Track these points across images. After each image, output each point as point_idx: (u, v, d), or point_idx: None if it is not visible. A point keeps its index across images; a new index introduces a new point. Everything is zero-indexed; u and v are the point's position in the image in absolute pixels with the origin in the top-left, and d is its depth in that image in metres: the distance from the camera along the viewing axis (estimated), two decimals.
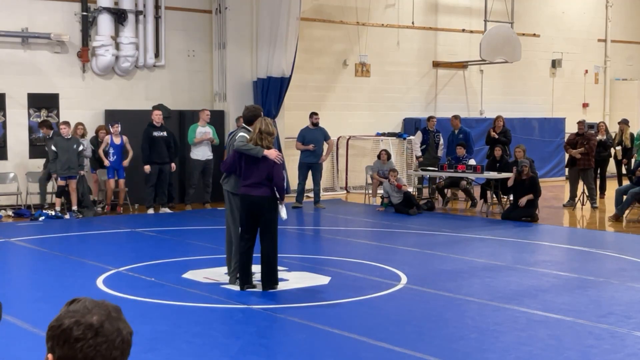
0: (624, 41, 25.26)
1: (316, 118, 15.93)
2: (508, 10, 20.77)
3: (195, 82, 17.33)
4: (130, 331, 1.94)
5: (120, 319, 1.93)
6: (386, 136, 19.45)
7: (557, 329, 6.97)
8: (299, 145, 15.87)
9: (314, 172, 15.90)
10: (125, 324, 1.94)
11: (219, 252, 10.63)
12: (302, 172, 15.85)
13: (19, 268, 10.50)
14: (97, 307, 1.93)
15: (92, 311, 1.92)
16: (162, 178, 15.10)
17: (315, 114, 16.03)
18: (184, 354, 6.24)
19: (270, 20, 16.86)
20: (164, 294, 8.20)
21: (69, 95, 15.73)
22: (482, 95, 22.02)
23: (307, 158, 15.75)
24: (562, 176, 21.72)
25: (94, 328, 1.88)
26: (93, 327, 1.88)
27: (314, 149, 15.72)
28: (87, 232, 13.02)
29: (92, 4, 15.85)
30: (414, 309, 7.79)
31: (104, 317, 1.90)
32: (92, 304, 1.94)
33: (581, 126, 16.53)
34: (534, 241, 12.28)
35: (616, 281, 9.06)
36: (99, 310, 1.92)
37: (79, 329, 1.89)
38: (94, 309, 1.92)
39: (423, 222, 14.05)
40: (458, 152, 16.14)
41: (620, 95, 24.98)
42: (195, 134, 15.48)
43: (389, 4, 20.27)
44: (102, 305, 1.94)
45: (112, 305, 1.96)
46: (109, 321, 1.90)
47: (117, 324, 1.91)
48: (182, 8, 17.12)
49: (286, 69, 17.06)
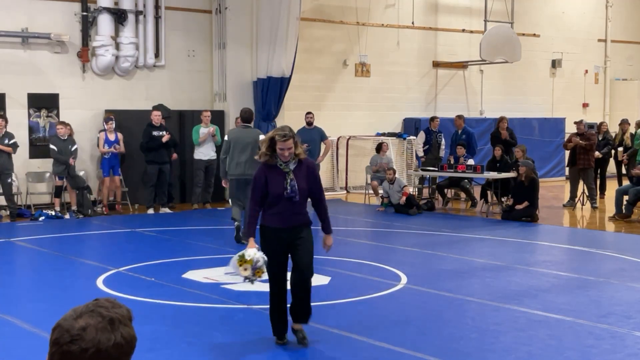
0: (624, 41, 25.26)
1: (310, 117, 15.69)
2: (508, 10, 20.77)
3: (195, 82, 17.33)
4: (119, 343, 1.84)
5: (114, 329, 1.85)
6: (386, 136, 19.44)
7: (557, 329, 6.97)
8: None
9: None
10: (118, 335, 1.84)
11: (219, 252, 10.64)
12: None
13: (19, 268, 10.49)
14: (90, 313, 1.86)
15: (84, 316, 1.86)
16: (162, 178, 15.11)
17: (310, 113, 15.82)
18: (184, 354, 6.24)
19: (270, 20, 16.86)
20: (164, 294, 8.20)
21: (69, 95, 15.72)
22: (482, 95, 22.01)
23: None
24: (562, 176, 21.73)
25: (71, 334, 1.82)
26: (69, 333, 1.82)
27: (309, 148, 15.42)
28: (87, 232, 13.02)
29: (92, 4, 15.85)
30: (414, 309, 7.79)
31: (91, 324, 1.83)
32: (90, 307, 1.88)
33: (581, 126, 16.53)
34: (534, 241, 12.28)
35: (616, 281, 9.06)
36: (92, 316, 1.85)
37: (59, 332, 1.84)
38: (86, 315, 1.86)
39: (423, 222, 14.05)
40: (458, 152, 16.15)
41: (620, 95, 24.98)
42: (199, 135, 15.53)
43: (389, 4, 20.27)
44: (100, 311, 1.87)
45: (119, 312, 1.89)
46: (95, 329, 1.83)
47: (104, 334, 1.83)
48: (182, 8, 17.11)
49: (286, 69, 17.05)
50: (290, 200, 6.21)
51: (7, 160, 13.92)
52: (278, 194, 6.20)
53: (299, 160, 6.29)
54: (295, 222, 6.29)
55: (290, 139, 6.15)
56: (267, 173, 6.26)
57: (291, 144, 6.17)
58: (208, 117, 15.69)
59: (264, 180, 6.25)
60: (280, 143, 6.14)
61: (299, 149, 6.33)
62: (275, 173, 6.24)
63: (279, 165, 6.25)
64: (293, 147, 6.19)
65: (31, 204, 14.97)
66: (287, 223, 6.28)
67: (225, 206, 16.23)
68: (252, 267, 6.08)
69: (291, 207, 6.25)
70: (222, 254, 10.34)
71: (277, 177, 6.24)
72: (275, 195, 6.21)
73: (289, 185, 6.20)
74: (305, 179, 6.28)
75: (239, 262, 6.07)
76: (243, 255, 6.09)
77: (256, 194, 6.30)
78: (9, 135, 14.05)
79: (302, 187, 6.24)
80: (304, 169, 6.30)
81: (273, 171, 6.25)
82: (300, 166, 6.29)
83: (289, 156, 6.20)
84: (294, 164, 6.27)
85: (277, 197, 6.21)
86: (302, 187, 6.24)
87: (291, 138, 6.17)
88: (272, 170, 6.26)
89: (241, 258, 6.09)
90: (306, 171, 6.31)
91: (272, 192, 6.22)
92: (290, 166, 6.25)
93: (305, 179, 6.28)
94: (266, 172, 6.27)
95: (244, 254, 6.09)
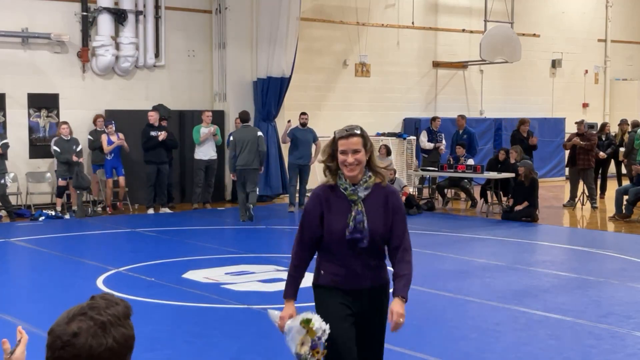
0: (624, 41, 25.26)
1: (304, 118, 15.60)
2: (508, 10, 20.77)
3: (195, 82, 17.33)
4: (112, 347, 1.83)
5: (106, 334, 1.84)
6: (386, 136, 19.45)
7: (557, 329, 6.97)
8: (285, 138, 15.56)
9: (302, 174, 15.52)
10: (109, 340, 1.83)
11: (219, 252, 10.64)
12: (294, 173, 15.52)
13: (18, 268, 10.50)
14: (82, 317, 1.85)
15: (76, 319, 1.85)
16: (161, 178, 15.10)
17: (304, 113, 15.73)
18: (183, 354, 6.24)
19: (270, 20, 16.86)
20: (164, 294, 8.20)
21: (69, 95, 15.72)
22: (482, 95, 22.01)
23: (298, 160, 15.49)
24: (562, 176, 21.72)
25: (62, 340, 1.82)
26: (61, 340, 1.83)
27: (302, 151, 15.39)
28: (87, 232, 13.02)
29: (92, 4, 15.85)
30: (414, 309, 7.78)
31: (83, 328, 1.83)
32: (83, 309, 1.88)
33: (581, 126, 16.54)
34: (534, 241, 12.29)
35: (616, 281, 9.06)
36: (83, 320, 1.85)
37: (52, 338, 1.85)
38: (78, 318, 1.85)
39: (423, 222, 14.04)
40: (457, 152, 16.16)
41: (620, 95, 24.98)
42: (200, 134, 15.54)
43: (389, 4, 20.27)
44: (92, 314, 1.86)
45: (113, 313, 1.87)
46: (87, 335, 1.83)
47: (96, 339, 1.82)
48: (182, 8, 17.11)
49: (286, 69, 17.05)
50: (354, 245, 3.99)
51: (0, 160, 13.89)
52: (336, 234, 4.00)
53: (375, 185, 4.06)
54: (362, 282, 4.04)
55: (357, 137, 4.01)
56: (325, 200, 4.08)
57: (358, 144, 3.99)
58: (209, 117, 15.69)
59: (319, 212, 4.07)
60: (342, 142, 4.00)
61: (378, 160, 4.19)
62: (336, 200, 4.06)
63: (342, 188, 4.04)
64: (362, 151, 4.00)
65: (31, 204, 14.97)
66: (349, 283, 4.03)
67: (225, 206, 16.25)
68: (311, 342, 3.86)
69: (356, 257, 4.01)
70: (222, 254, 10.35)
71: (337, 206, 4.04)
72: (332, 234, 4.02)
73: (353, 221, 3.97)
74: (383, 214, 4.04)
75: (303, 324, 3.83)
76: (310, 321, 3.83)
77: (304, 232, 4.12)
78: (1, 136, 14.05)
79: (376, 227, 4.01)
80: (382, 198, 4.06)
81: (333, 197, 4.07)
82: (377, 193, 4.06)
83: (356, 169, 3.98)
84: (367, 189, 4.03)
85: (336, 239, 4.01)
86: (376, 227, 4.01)
87: (359, 136, 4.02)
88: (333, 196, 4.07)
89: (306, 323, 3.84)
90: (384, 202, 4.06)
91: (328, 229, 4.04)
92: (359, 192, 4.02)
93: (383, 214, 4.04)
94: (323, 198, 4.08)
95: (311, 318, 3.85)
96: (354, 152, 3.98)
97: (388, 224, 4.05)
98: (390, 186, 4.17)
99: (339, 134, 4.04)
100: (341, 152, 4.00)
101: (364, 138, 4.02)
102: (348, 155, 3.97)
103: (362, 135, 4.03)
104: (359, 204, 4.00)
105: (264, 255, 10.51)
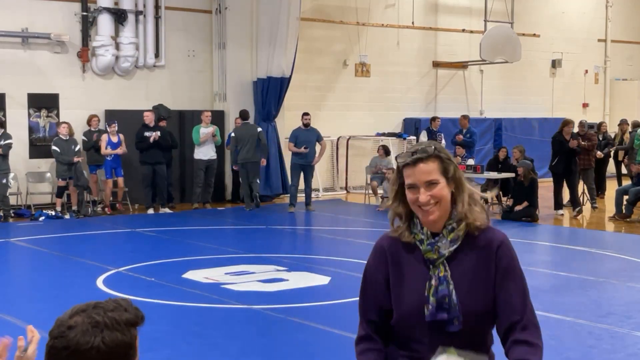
0: (624, 41, 25.26)
1: (307, 118, 15.55)
2: (508, 10, 20.76)
3: (195, 82, 17.33)
4: (98, 347, 1.83)
5: (96, 334, 1.84)
6: (386, 136, 19.45)
7: (557, 329, 6.96)
8: (291, 147, 15.45)
9: (306, 174, 15.51)
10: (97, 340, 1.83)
11: (219, 252, 10.65)
12: (295, 173, 15.45)
13: (18, 268, 10.50)
14: (84, 313, 1.88)
15: (78, 314, 1.88)
16: (158, 178, 15.05)
17: (307, 114, 15.68)
18: (183, 354, 6.24)
19: (270, 20, 16.86)
20: (164, 294, 8.20)
21: (69, 95, 15.72)
22: (482, 95, 22.01)
23: (300, 159, 15.50)
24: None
25: (59, 330, 1.87)
26: (59, 329, 1.87)
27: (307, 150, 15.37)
28: (87, 232, 13.02)
29: (92, 4, 15.85)
30: None
31: (79, 323, 1.86)
32: (89, 307, 1.90)
33: (581, 127, 16.52)
34: (534, 241, 12.29)
35: (616, 281, 9.06)
36: (83, 316, 1.87)
37: (55, 325, 1.90)
38: (80, 313, 1.88)
39: None
40: (457, 152, 16.16)
41: (620, 95, 24.98)
42: (199, 134, 15.55)
43: (389, 4, 20.27)
44: (92, 313, 1.87)
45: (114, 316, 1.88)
46: (79, 330, 1.85)
47: (84, 337, 1.84)
48: (182, 8, 17.11)
49: (286, 69, 17.05)
50: (439, 330, 2.63)
51: (1, 161, 13.88)
52: (410, 314, 2.68)
53: (467, 234, 2.68)
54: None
55: (429, 161, 2.63)
56: (392, 257, 2.76)
57: (434, 171, 2.63)
58: (209, 117, 15.70)
59: (383, 274, 2.75)
60: (407, 171, 2.66)
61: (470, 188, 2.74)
62: (409, 260, 2.73)
63: (416, 242, 2.72)
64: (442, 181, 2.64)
65: (31, 204, 14.97)
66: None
67: (225, 206, 16.26)
68: None
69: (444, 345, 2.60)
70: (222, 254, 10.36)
71: (410, 270, 2.71)
72: (403, 315, 2.70)
73: (435, 295, 2.63)
74: (482, 279, 2.65)
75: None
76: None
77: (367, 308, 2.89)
78: (6, 136, 14.04)
79: (471, 300, 2.64)
80: (481, 252, 2.68)
81: (405, 255, 2.74)
82: (471, 246, 2.68)
83: (435, 211, 2.64)
84: (453, 241, 2.67)
85: (410, 322, 2.69)
86: (471, 300, 2.64)
87: (434, 159, 2.64)
88: (404, 253, 2.75)
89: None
90: (485, 259, 2.67)
91: (397, 306, 2.72)
92: (441, 247, 2.66)
93: (482, 279, 2.65)
94: (389, 254, 2.77)
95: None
96: (429, 186, 2.62)
97: (491, 295, 2.64)
98: (493, 230, 2.74)
99: (402, 159, 2.67)
100: (409, 188, 2.65)
101: (441, 160, 2.63)
102: (419, 191, 2.62)
103: (438, 156, 2.64)
104: (441, 267, 2.64)
105: (264, 255, 10.50)
